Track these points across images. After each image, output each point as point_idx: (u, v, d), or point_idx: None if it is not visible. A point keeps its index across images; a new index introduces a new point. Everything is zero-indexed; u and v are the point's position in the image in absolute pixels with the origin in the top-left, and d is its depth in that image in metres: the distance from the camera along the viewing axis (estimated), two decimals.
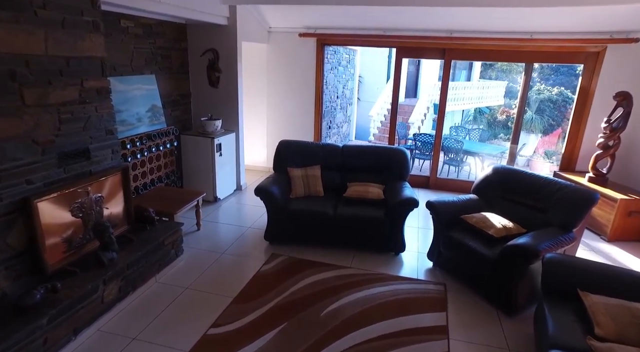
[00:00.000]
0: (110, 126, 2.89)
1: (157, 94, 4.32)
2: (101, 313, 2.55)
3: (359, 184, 3.96)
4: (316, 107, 5.92)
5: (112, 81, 3.67)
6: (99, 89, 2.73)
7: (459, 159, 7.28)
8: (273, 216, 3.76)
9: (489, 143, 9.81)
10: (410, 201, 3.51)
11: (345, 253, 3.73)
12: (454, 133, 8.62)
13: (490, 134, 9.92)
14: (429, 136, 7.44)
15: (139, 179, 4.02)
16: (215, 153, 4.68)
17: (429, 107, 11.55)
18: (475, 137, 8.99)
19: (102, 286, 2.55)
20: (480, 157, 7.71)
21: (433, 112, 11.40)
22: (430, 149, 7.48)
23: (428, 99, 11.51)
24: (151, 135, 4.08)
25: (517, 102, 14.30)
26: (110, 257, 2.66)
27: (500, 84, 14.55)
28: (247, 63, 5.91)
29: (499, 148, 8.21)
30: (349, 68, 8.31)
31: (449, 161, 7.27)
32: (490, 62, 16.37)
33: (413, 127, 10.67)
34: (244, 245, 3.88)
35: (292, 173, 4.03)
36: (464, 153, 7.28)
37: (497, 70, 16.78)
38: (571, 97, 13.84)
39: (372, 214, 3.60)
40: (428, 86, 11.90)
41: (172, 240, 3.34)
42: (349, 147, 4.27)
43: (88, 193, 2.67)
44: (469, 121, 13.46)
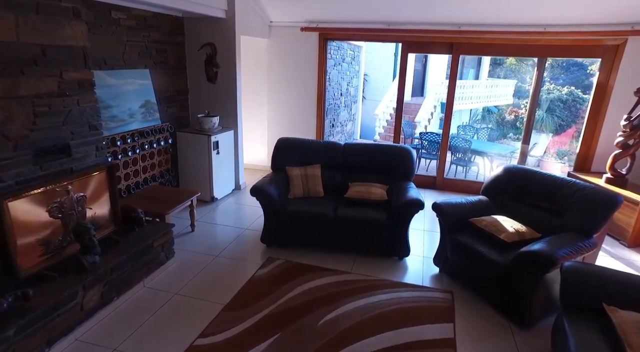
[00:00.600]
0: (94, 121, 2.71)
1: (151, 90, 4.14)
2: (80, 322, 2.37)
3: (361, 184, 3.75)
4: (318, 105, 5.71)
5: (101, 75, 3.53)
6: (81, 81, 2.55)
7: (467, 158, 7.03)
8: (270, 217, 3.56)
9: (497, 143, 9.53)
10: (416, 203, 3.29)
11: (345, 257, 3.52)
12: (461, 132, 8.36)
13: (499, 134, 9.64)
14: (436, 135, 7.20)
15: (130, 177, 3.84)
16: (212, 151, 4.49)
17: (436, 105, 11.29)
18: (484, 137, 8.72)
19: (82, 292, 2.37)
20: (488, 157, 7.45)
21: (440, 111, 11.14)
22: (437, 148, 7.24)
23: (435, 97, 11.25)
24: (144, 132, 3.90)
25: (526, 101, 14.01)
26: (92, 260, 2.48)
27: (509, 83, 14.22)
28: (247, 59, 5.73)
29: (509, 148, 7.95)
30: (354, 65, 8.08)
31: (457, 161, 7.03)
32: (499, 61, 16.07)
33: (419, 126, 10.43)
34: (240, 248, 3.69)
35: (290, 172, 3.83)
36: (472, 153, 7.03)
37: (506, 69, 16.45)
38: (582, 96, 13.50)
39: (375, 216, 3.39)
40: (435, 84, 11.64)
41: (162, 242, 3.16)
42: (351, 145, 4.05)
43: (68, 192, 2.49)
44: (477, 121, 13.16)
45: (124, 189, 3.75)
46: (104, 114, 3.53)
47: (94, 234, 2.45)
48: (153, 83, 4.21)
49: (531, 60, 16.29)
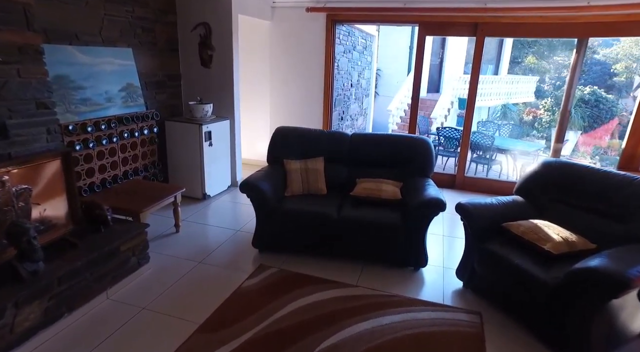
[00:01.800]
0: (44, 98, 2.23)
1: (135, 72, 3.67)
2: (10, 347, 1.89)
3: (370, 180, 3.21)
4: (326, 95, 5.18)
5: (71, 51, 3.06)
6: (23, 46, 2.07)
7: (489, 156, 6.42)
8: (262, 218, 3.04)
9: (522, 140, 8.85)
10: (435, 203, 2.73)
11: (350, 267, 2.98)
12: (482, 128, 7.72)
13: (521, 131, 8.94)
14: (454, 130, 6.60)
15: (107, 170, 3.38)
16: (203, 142, 4.00)
17: (453, 101, 10.65)
18: (505, 134, 8.07)
19: (13, 310, 1.88)
20: (512, 155, 6.81)
21: (458, 107, 10.49)
22: (456, 145, 6.64)
23: (452, 92, 10.60)
24: (123, 119, 3.43)
25: (545, 101, 13.21)
26: (32, 269, 2.00)
27: (531, 80, 13.44)
28: (247, 43, 5.23)
29: (535, 145, 7.29)
30: (366, 55, 7.53)
31: (477, 159, 6.42)
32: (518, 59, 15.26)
33: (436, 123, 9.80)
34: (228, 252, 3.18)
35: (288, 166, 3.31)
36: (494, 150, 6.41)
37: (524, 67, 15.60)
38: (605, 96, 12.66)
39: (386, 218, 2.84)
40: (452, 79, 10.98)
41: (132, 245, 2.67)
42: (359, 135, 3.51)
43: (3, 183, 2.01)
44: (496, 118, 12.44)
45: (99, 182, 3.28)
46: (74, 96, 3.07)
47: (34, 235, 1.97)
48: (137, 65, 3.74)
49: (552, 59, 15.45)
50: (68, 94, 3.01)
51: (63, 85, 2.97)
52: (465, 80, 10.87)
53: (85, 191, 3.12)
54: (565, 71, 14.90)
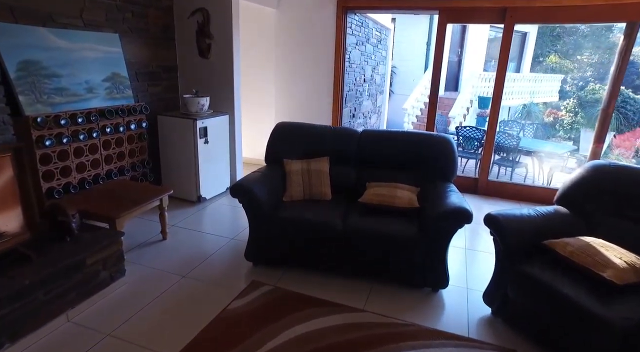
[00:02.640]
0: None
1: (122, 60, 3.31)
2: None
3: (382, 185, 2.77)
4: (335, 89, 4.75)
5: (44, 33, 2.70)
6: None
7: (513, 158, 5.88)
8: (256, 226, 2.63)
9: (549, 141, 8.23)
10: (460, 214, 2.28)
11: (357, 286, 2.55)
12: (505, 128, 7.17)
13: (547, 131, 8.31)
14: (475, 130, 6.08)
15: (87, 168, 3.02)
16: (198, 139, 3.62)
17: (473, 100, 10.08)
18: (530, 134, 7.49)
19: None
20: (538, 157, 6.25)
21: (477, 106, 9.92)
22: (476, 145, 6.12)
23: (472, 91, 10.03)
24: (105, 112, 3.06)
25: (567, 102, 12.45)
26: None
27: (555, 78, 12.73)
28: (251, 33, 4.85)
29: (564, 146, 6.71)
30: (380, 49, 7.07)
31: (500, 161, 5.89)
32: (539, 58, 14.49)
33: (454, 122, 9.26)
34: (218, 265, 2.79)
35: (288, 166, 2.89)
36: (519, 152, 5.86)
37: (545, 67, 14.81)
38: (633, 97, 11.88)
39: (400, 231, 2.40)
40: (472, 77, 10.41)
41: (102, 257, 2.30)
42: (370, 132, 3.07)
43: None
44: (518, 118, 11.79)
45: (76, 183, 2.92)
46: (47, 84, 2.71)
47: None
48: (125, 53, 3.38)
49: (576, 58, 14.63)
50: (39, 82, 2.66)
51: (33, 73, 2.62)
52: (486, 78, 10.31)
53: (59, 193, 2.76)
54: (590, 70, 14.11)
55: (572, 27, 14.01)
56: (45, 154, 2.68)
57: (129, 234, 3.14)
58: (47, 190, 2.73)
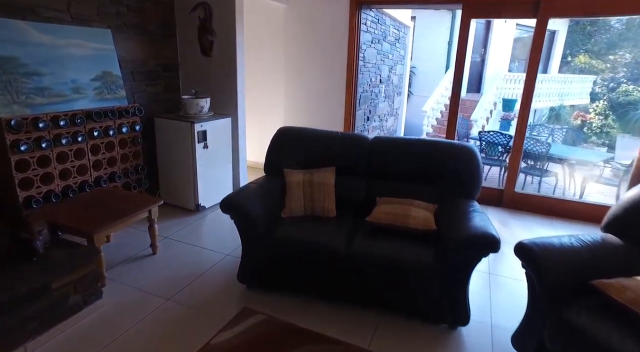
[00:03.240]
0: None
1: (114, 58, 3.07)
2: None
3: (394, 201, 2.42)
4: (348, 90, 4.41)
5: (24, 27, 2.47)
6: None
7: (541, 166, 5.40)
8: (249, 246, 2.33)
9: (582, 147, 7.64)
10: (485, 241, 1.91)
11: (363, 318, 2.21)
12: (534, 133, 6.67)
13: (579, 136, 7.70)
14: (500, 135, 5.64)
15: (72, 175, 2.78)
16: (196, 144, 3.35)
17: (496, 102, 9.56)
18: (559, 139, 6.96)
19: None
20: (569, 166, 5.75)
21: (502, 108, 9.40)
22: (500, 152, 5.68)
23: (495, 93, 9.51)
24: (92, 114, 2.82)
25: (597, 104, 11.69)
26: None
27: (586, 79, 12.02)
28: (259, 31, 4.58)
29: (600, 154, 6.16)
30: (398, 48, 6.68)
31: (527, 169, 5.43)
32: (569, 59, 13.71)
33: (476, 126, 8.77)
34: (209, 286, 2.49)
35: (289, 177, 2.58)
36: (549, 159, 5.39)
37: (574, 68, 14.00)
38: None
39: (414, 257, 2.05)
40: (496, 78, 9.88)
41: (73, 279, 2.03)
42: (382, 140, 2.72)
43: None
44: (545, 122, 11.17)
45: (59, 191, 2.69)
46: (26, 84, 2.48)
47: None
48: (119, 50, 3.14)
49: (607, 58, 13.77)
50: (16, 80, 2.43)
51: (8, 70, 2.39)
52: (511, 79, 9.76)
53: (38, 202, 2.53)
54: (623, 71, 13.24)
55: (605, 25, 13.22)
56: (22, 159, 2.45)
57: (118, 246, 2.91)
58: (25, 199, 2.50)
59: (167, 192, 3.68)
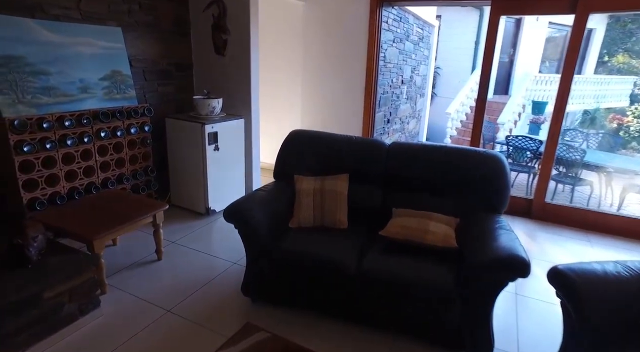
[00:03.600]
0: None
1: (125, 57, 2.99)
2: None
3: (411, 213, 2.22)
4: (368, 91, 4.22)
5: (32, 25, 2.40)
6: None
7: (573, 174, 5.04)
8: (254, 258, 2.18)
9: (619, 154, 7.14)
10: (512, 265, 1.69)
11: (374, 341, 2.02)
12: (566, 138, 6.27)
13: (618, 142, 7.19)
14: (529, 140, 5.30)
15: (79, 176, 2.71)
16: (207, 146, 3.24)
17: (525, 105, 9.11)
18: (594, 145, 6.52)
19: None
20: (605, 174, 5.34)
21: (531, 111, 8.95)
22: (529, 157, 5.35)
23: (524, 95, 9.07)
24: (99, 114, 2.74)
25: (636, 106, 10.95)
26: None
27: (625, 80, 11.32)
28: (277, 29, 4.45)
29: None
30: (422, 48, 6.42)
31: (558, 177, 5.07)
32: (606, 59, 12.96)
33: (503, 129, 8.38)
34: (212, 297, 2.36)
35: (299, 184, 2.41)
36: (583, 166, 5.02)
37: (610, 68, 13.21)
38: None
39: (431, 278, 1.85)
40: (525, 79, 9.42)
41: (68, 288, 1.94)
42: (400, 146, 2.51)
43: None
44: (578, 126, 10.59)
45: (65, 193, 2.62)
46: (32, 83, 2.42)
47: None
48: (129, 49, 3.06)
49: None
50: (22, 80, 2.37)
51: (14, 69, 2.33)
52: (542, 81, 9.30)
53: (42, 204, 2.46)
54: None
55: None
56: (26, 160, 2.39)
57: (124, 249, 2.83)
58: (29, 201, 2.44)
59: (178, 195, 3.59)
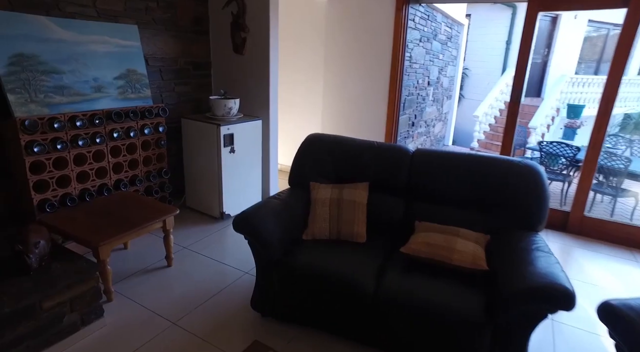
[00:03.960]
0: None
1: (140, 55, 2.91)
2: None
3: (436, 227, 2.02)
4: (392, 93, 4.02)
5: (45, 22, 2.34)
6: None
7: (615, 184, 4.67)
8: (263, 272, 2.04)
9: None
10: (553, 295, 1.47)
11: None
12: (607, 144, 5.84)
13: None
14: (565, 147, 4.95)
15: (91, 178, 2.65)
16: (222, 148, 3.13)
17: (560, 108, 8.63)
18: (638, 152, 6.06)
19: None
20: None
21: (566, 115, 8.47)
22: (565, 165, 4.99)
23: (559, 97, 8.59)
24: (112, 114, 2.67)
25: None
26: None
27: None
28: (299, 28, 4.32)
29: None
30: (450, 48, 6.15)
31: (596, 187, 4.71)
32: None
33: (534, 134, 7.96)
34: (221, 309, 2.24)
35: (315, 192, 2.25)
36: (628, 176, 4.63)
37: None
38: None
39: (458, 304, 1.65)
40: (561, 81, 8.93)
41: (70, 297, 1.85)
42: (425, 153, 2.31)
43: None
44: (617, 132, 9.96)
45: (76, 194, 2.56)
46: (44, 82, 2.36)
47: None
48: (145, 47, 2.99)
49: None
50: (34, 78, 2.31)
51: (27, 68, 2.27)
52: (579, 82, 8.79)
53: (51, 206, 2.41)
54: None
55: None
56: (37, 161, 2.33)
57: (133, 254, 2.75)
58: (40, 202, 2.38)
59: (192, 198, 3.50)
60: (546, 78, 10.32)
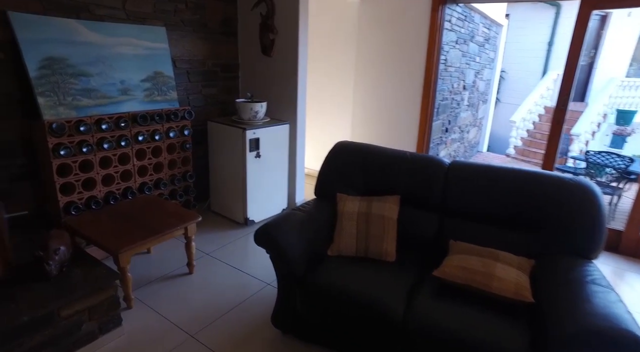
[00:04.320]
0: None
1: (168, 57, 2.88)
2: None
3: (474, 249, 1.84)
4: (425, 97, 3.82)
5: (75, 26, 2.33)
6: None
7: None
8: (285, 288, 1.93)
9: None
10: (617, 340, 1.26)
11: None
12: None
13: None
14: (617, 158, 4.57)
15: (116, 181, 2.63)
16: (247, 153, 3.06)
17: (607, 114, 8.06)
18: None
19: None
20: None
21: (614, 121, 7.91)
22: (615, 177, 4.61)
23: (607, 102, 8.03)
24: (137, 117, 2.64)
25: None
26: None
27: None
28: (331, 29, 4.20)
29: None
30: (487, 49, 5.85)
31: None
32: None
33: (577, 141, 7.46)
34: (241, 322, 2.15)
35: (342, 205, 2.12)
36: None
37: None
38: None
39: (497, 338, 1.47)
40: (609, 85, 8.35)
41: (89, 306, 1.81)
42: (462, 166, 2.12)
43: None
44: None
45: (101, 197, 2.55)
46: (73, 85, 2.35)
47: None
48: (172, 49, 2.96)
49: None
50: (64, 81, 2.31)
51: (57, 71, 2.27)
52: (630, 86, 8.19)
53: (77, 209, 2.40)
54: None
55: None
56: (64, 164, 2.33)
57: (156, 260, 2.72)
58: (66, 205, 2.38)
59: (217, 202, 3.46)
60: (591, 81, 9.70)
